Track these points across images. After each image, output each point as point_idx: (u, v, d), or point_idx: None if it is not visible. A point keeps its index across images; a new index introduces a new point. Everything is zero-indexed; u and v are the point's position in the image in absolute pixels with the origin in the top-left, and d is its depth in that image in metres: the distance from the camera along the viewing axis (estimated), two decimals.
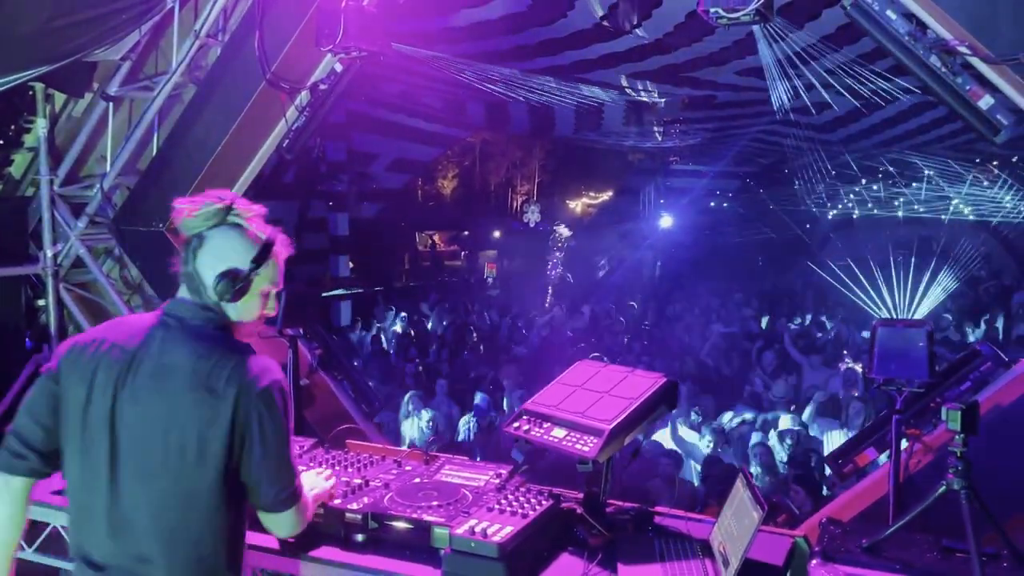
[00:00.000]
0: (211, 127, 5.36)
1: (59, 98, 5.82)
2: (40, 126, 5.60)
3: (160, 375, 2.11)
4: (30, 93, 5.60)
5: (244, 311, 2.25)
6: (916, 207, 18.66)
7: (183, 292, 2.24)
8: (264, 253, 2.23)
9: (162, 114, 5.61)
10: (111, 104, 5.65)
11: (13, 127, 5.78)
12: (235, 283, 2.18)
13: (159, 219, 5.60)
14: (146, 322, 2.22)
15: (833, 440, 6.71)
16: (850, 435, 6.22)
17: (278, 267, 2.31)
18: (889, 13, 3.70)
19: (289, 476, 2.22)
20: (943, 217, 18.24)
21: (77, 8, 4.65)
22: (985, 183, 16.97)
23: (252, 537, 2.36)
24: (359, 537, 2.67)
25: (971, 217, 18.12)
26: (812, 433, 7.11)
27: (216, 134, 5.35)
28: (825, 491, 5.70)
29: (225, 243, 2.21)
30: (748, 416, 7.59)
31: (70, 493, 2.19)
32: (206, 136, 5.38)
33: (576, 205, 30.58)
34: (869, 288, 13.95)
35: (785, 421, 7.24)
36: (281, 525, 2.29)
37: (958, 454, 2.51)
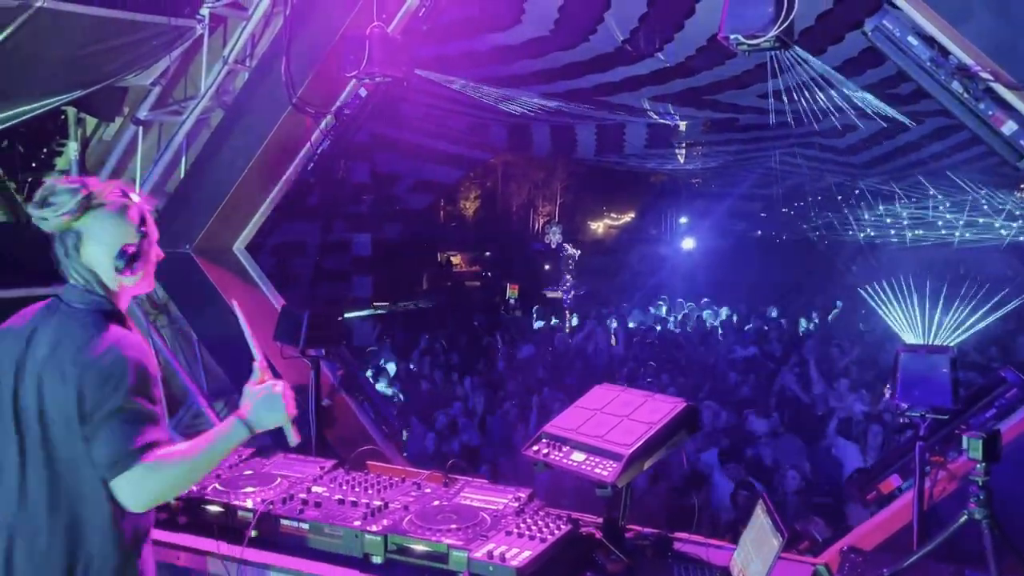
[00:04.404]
0: (238, 151, 5.45)
1: (91, 122, 5.93)
2: (71, 149, 5.73)
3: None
4: (62, 117, 5.73)
5: (144, 279, 2.35)
6: (943, 231, 18.46)
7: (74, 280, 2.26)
8: (144, 219, 2.32)
9: (190, 138, 5.71)
10: (141, 128, 5.77)
11: (45, 150, 5.92)
12: (134, 258, 2.26)
13: (186, 241, 5.69)
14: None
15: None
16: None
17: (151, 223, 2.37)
18: (910, 39, 3.69)
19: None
20: (965, 238, 18.04)
21: (109, 36, 4.76)
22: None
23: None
24: (377, 559, 2.69)
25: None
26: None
27: (243, 157, 5.45)
28: None
29: (102, 227, 2.24)
30: None
31: None
32: (233, 159, 5.48)
33: (598, 226, 30.61)
34: (897, 311, 13.75)
35: None
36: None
37: (979, 483, 2.49)
